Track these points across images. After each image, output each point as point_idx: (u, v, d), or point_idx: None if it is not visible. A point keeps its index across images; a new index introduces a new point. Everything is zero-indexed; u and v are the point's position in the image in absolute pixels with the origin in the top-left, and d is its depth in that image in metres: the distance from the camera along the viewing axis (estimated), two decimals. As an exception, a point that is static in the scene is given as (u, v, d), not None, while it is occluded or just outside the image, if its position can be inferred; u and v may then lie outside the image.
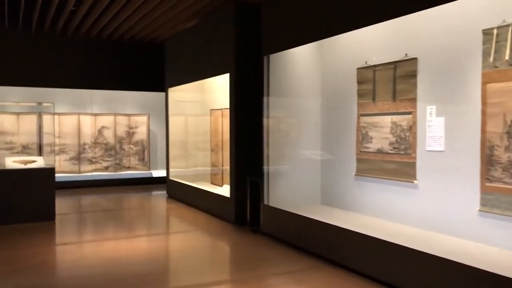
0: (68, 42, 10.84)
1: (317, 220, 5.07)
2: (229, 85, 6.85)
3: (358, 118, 5.55)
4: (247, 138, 6.80)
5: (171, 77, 9.61)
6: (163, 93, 12.50)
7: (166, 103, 9.75)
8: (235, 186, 6.72)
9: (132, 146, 12.19)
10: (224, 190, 7.47)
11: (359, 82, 5.52)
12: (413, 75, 4.80)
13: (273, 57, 6.05)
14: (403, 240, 4.09)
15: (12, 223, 6.71)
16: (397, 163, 5.01)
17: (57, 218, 7.14)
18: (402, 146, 4.96)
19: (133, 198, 10.13)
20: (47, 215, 7.00)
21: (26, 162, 7.13)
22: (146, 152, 12.32)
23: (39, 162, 7.27)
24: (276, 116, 6.12)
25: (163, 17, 8.58)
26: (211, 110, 9.47)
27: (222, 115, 9.04)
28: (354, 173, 5.62)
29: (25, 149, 11.01)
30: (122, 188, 11.10)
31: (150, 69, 11.60)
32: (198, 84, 9.32)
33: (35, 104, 11.03)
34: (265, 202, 6.07)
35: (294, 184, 6.19)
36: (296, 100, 6.24)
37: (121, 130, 12.05)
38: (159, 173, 12.21)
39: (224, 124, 8.94)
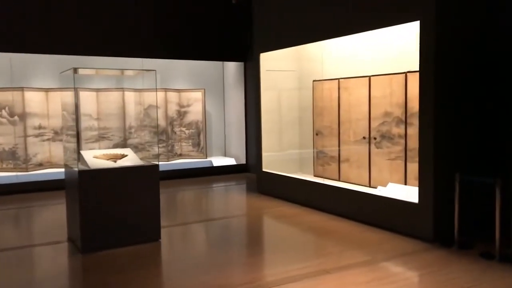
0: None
1: None
2: (420, 38, 4.68)
3: None
4: (452, 116, 4.70)
5: (268, 37, 7.32)
6: (219, 63, 10.30)
7: (258, 72, 7.49)
8: (435, 188, 4.63)
9: (184, 129, 9.90)
10: (397, 192, 5.31)
11: None
12: None
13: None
14: None
15: (107, 248, 4.47)
16: None
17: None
18: None
19: (217, 196, 7.93)
20: (151, 233, 4.76)
21: (114, 158, 4.82)
22: (201, 136, 10.05)
23: (130, 156, 4.96)
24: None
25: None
26: (314, 81, 7.31)
27: (338, 87, 6.90)
28: None
29: (57, 136, 8.59)
30: (180, 182, 8.83)
31: (214, 32, 9.27)
32: (291, 51, 7.23)
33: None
34: (516, 214, 4.03)
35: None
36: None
37: (172, 109, 9.72)
38: (219, 161, 10.02)
39: (343, 99, 6.82)
